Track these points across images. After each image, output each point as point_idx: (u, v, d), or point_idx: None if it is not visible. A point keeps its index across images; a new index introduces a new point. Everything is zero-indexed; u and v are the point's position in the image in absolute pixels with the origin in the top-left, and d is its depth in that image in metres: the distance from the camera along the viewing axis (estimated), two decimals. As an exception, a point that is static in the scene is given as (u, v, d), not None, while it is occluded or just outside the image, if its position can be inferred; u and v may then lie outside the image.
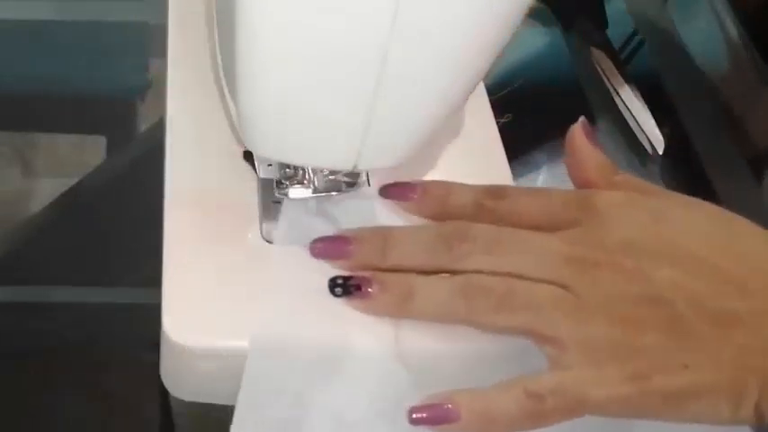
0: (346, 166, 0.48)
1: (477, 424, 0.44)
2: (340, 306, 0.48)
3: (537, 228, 0.48)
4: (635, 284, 0.45)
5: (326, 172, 0.51)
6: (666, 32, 0.78)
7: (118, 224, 0.76)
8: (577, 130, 0.51)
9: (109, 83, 0.95)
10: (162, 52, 0.59)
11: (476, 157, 0.57)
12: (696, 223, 0.47)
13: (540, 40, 0.76)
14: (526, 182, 0.57)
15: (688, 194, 0.50)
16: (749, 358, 0.44)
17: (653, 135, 0.74)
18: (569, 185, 0.52)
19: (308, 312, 0.48)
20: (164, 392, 0.51)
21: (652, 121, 0.75)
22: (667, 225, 0.46)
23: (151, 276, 0.50)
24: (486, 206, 0.49)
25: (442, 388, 0.46)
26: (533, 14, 0.75)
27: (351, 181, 0.52)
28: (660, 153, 0.74)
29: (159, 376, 0.50)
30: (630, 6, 0.79)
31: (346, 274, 0.48)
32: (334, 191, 0.52)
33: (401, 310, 0.47)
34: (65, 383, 0.67)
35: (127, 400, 0.66)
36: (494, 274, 0.46)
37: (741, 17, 0.78)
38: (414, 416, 0.44)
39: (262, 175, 0.53)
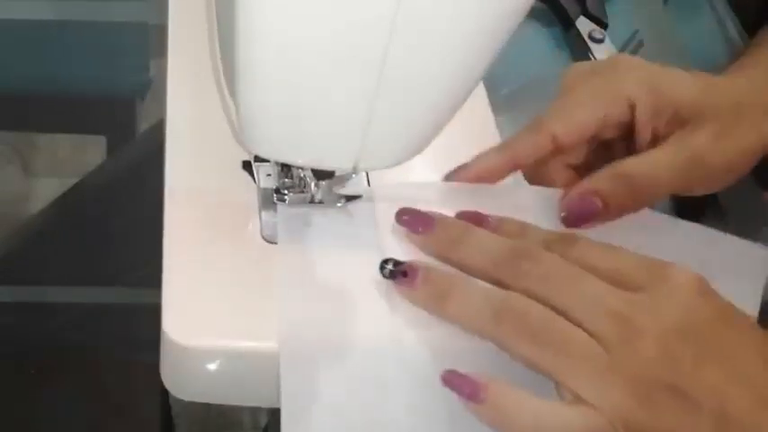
0: (347, 165, 0.48)
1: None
2: (355, 304, 0.48)
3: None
4: (673, 370, 0.44)
5: (324, 184, 0.51)
6: (666, 32, 0.78)
7: (118, 224, 0.77)
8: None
9: (109, 83, 0.95)
10: (162, 52, 0.59)
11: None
12: (751, 335, 0.46)
13: (540, 40, 0.76)
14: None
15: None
16: None
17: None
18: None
19: (327, 314, 0.48)
20: (164, 392, 0.50)
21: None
22: (727, 326, 0.45)
23: (151, 276, 0.50)
24: (555, 249, 0.48)
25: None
26: (533, 14, 0.75)
27: (350, 195, 0.52)
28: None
29: (159, 376, 0.50)
30: (630, 6, 0.79)
31: (390, 258, 0.48)
32: (332, 203, 0.52)
33: (435, 307, 0.47)
34: (64, 383, 0.67)
35: (127, 400, 0.66)
36: (539, 300, 0.45)
37: (741, 17, 0.78)
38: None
39: (262, 185, 0.53)
